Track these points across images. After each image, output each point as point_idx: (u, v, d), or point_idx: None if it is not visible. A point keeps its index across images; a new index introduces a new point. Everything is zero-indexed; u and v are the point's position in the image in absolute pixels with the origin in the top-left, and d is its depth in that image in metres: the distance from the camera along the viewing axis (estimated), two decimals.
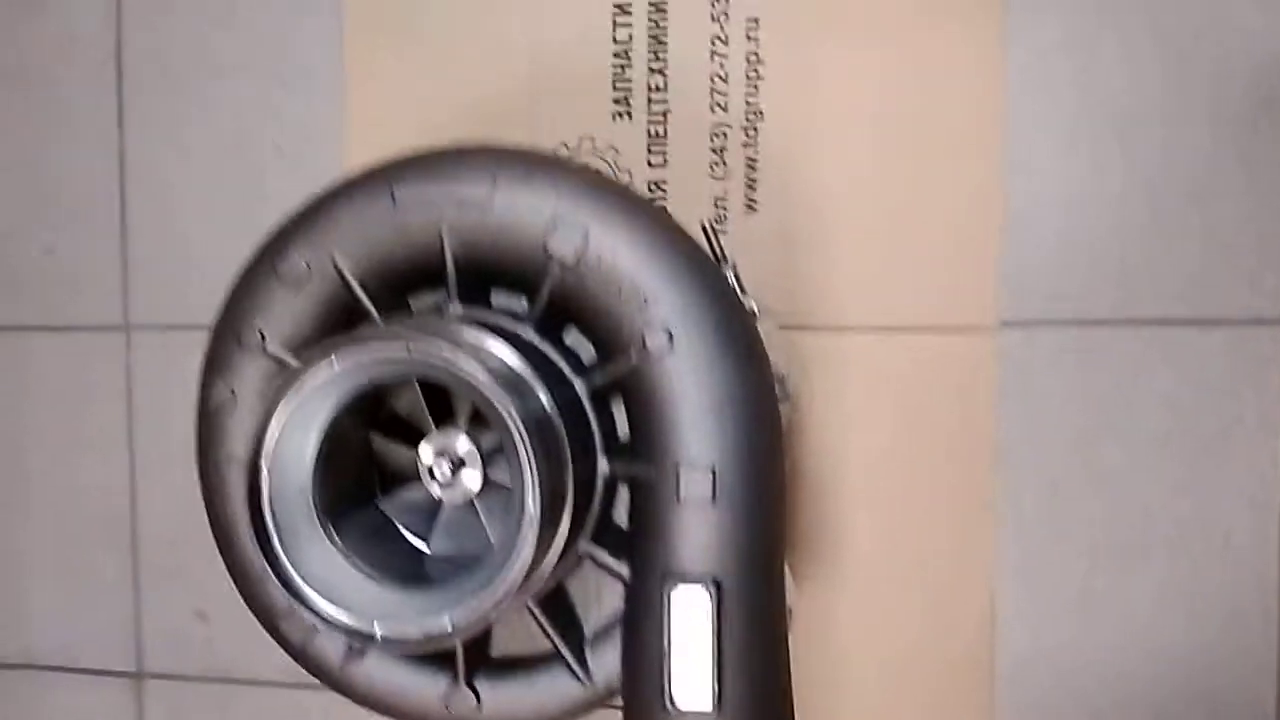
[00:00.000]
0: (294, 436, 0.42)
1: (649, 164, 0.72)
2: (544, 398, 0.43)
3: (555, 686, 0.49)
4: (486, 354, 0.42)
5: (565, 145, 0.73)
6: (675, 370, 0.44)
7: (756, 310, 0.52)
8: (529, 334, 0.47)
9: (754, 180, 0.71)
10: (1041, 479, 0.70)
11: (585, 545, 0.47)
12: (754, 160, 0.71)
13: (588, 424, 0.46)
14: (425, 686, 0.50)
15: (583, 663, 0.49)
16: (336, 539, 0.43)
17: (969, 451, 0.70)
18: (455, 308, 0.47)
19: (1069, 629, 0.70)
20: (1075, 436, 0.69)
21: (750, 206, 0.71)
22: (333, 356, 0.40)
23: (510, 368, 0.42)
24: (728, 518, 0.44)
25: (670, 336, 0.44)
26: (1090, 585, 0.69)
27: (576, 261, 0.45)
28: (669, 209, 0.71)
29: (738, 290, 0.51)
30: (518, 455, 0.40)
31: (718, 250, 0.52)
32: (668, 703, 0.43)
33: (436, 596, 0.42)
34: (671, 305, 0.44)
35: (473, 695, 0.49)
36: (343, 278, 0.47)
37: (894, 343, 0.70)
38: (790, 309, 0.71)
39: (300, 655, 0.50)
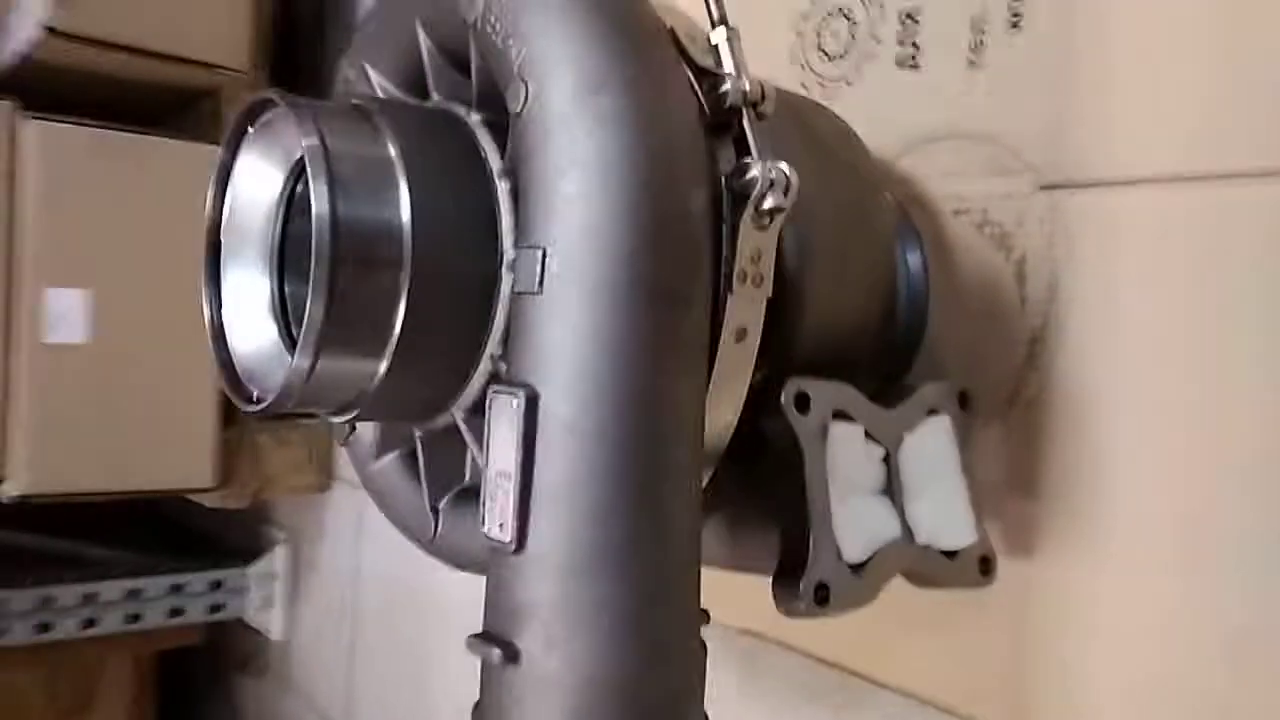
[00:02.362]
0: (248, 196, 0.45)
1: None
2: (396, 191, 0.38)
3: None
4: (340, 133, 0.39)
5: None
6: (527, 132, 0.36)
7: (754, 92, 0.39)
8: (470, 120, 0.42)
9: None
10: None
11: (495, 352, 0.41)
12: None
13: (493, 216, 0.40)
14: (411, 502, 0.49)
15: None
16: (278, 292, 0.45)
17: None
18: (434, 99, 0.45)
19: None
20: None
21: (1014, 22, 0.52)
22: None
23: (347, 147, 0.39)
24: (554, 314, 0.35)
25: (526, 93, 0.36)
26: None
27: (478, 21, 0.39)
28: (918, 40, 0.57)
29: (714, 63, 0.39)
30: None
31: (714, 14, 0.40)
32: (481, 527, 0.36)
33: None
34: (534, 58, 0.36)
35: (432, 521, 0.47)
36: (371, 86, 0.48)
37: (1198, 196, 0.46)
38: (1058, 159, 0.51)
39: (346, 446, 0.52)
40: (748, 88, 0.39)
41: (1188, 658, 0.46)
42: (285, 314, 0.44)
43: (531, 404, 0.34)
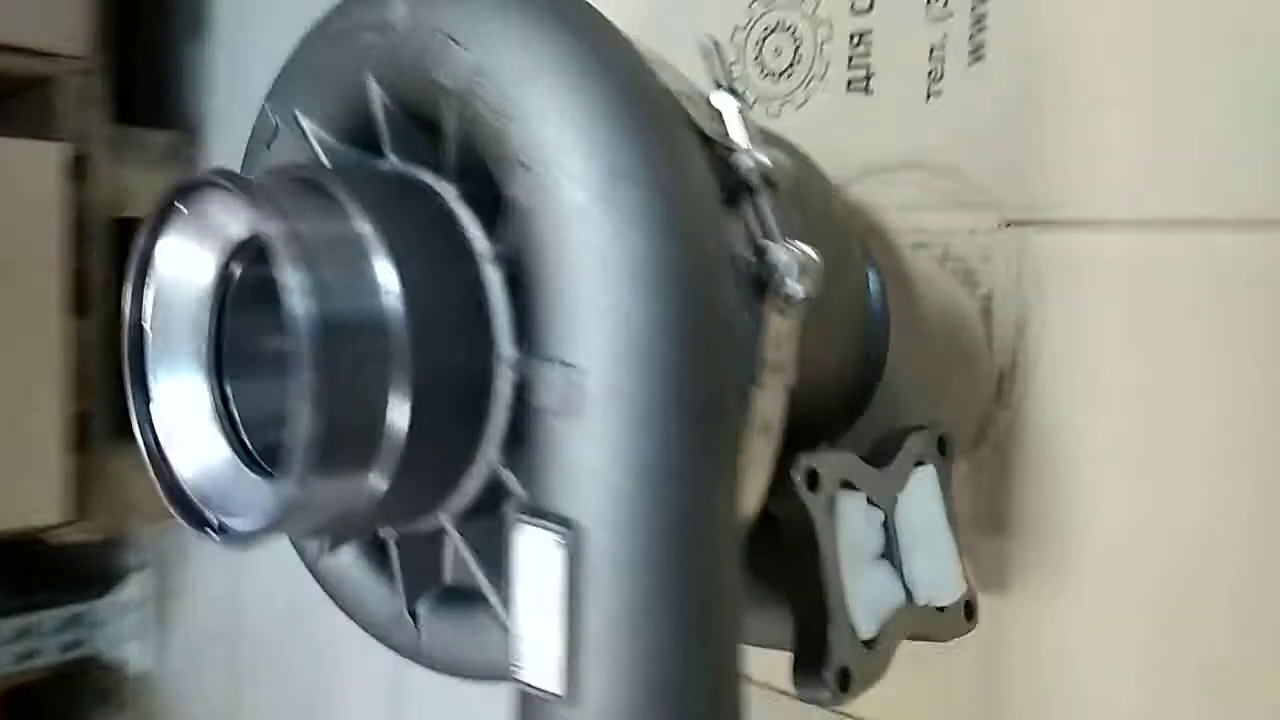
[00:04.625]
0: (175, 286, 0.38)
1: (852, 8, 0.56)
2: (381, 277, 0.33)
3: (496, 628, 0.40)
4: (313, 223, 0.34)
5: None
6: (533, 222, 0.32)
7: (758, 170, 0.36)
8: (443, 191, 0.37)
9: (983, 18, 0.51)
10: None
11: (493, 457, 0.37)
12: None
13: (482, 306, 0.36)
14: (380, 602, 0.44)
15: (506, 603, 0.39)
16: (219, 394, 0.39)
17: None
18: (391, 161, 0.40)
19: None
20: None
21: (976, 54, 0.51)
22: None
23: (310, 227, 0.33)
24: (591, 437, 0.31)
25: (530, 178, 0.32)
26: None
27: (464, 88, 0.34)
28: (871, 64, 0.55)
29: (727, 136, 0.36)
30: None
31: (721, 78, 0.37)
32: (515, 673, 0.33)
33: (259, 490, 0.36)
34: (538, 140, 0.32)
35: (412, 625, 0.42)
36: (303, 132, 0.42)
37: (1174, 242, 0.46)
38: (1022, 198, 0.50)
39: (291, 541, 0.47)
40: (765, 163, 0.36)
41: (1161, 699, 0.47)
42: (231, 420, 0.39)
43: (575, 540, 0.31)
